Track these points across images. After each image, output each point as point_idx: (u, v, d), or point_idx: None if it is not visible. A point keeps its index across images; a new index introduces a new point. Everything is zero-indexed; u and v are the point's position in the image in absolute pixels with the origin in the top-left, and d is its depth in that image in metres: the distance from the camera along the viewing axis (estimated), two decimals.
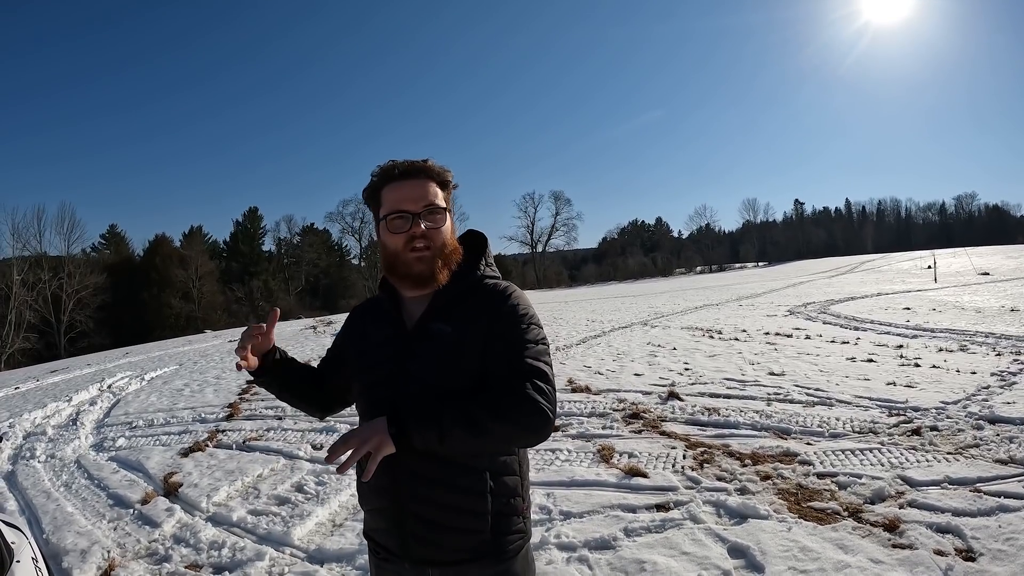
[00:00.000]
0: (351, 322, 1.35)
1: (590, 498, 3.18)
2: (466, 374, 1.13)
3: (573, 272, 64.56)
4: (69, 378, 10.88)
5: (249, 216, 47.62)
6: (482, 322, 1.14)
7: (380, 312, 1.26)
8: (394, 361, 1.17)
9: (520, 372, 1.08)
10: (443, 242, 1.16)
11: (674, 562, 2.47)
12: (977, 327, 8.50)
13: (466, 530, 1.12)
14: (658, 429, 4.39)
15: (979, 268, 23.50)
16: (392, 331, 1.21)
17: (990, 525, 2.60)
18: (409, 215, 1.14)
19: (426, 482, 1.11)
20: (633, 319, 12.71)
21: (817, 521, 2.77)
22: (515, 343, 1.12)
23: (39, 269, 31.92)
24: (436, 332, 1.15)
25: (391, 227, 1.15)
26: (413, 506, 1.12)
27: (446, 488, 1.11)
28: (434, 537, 1.12)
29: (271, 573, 2.70)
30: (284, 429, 5.11)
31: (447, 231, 1.18)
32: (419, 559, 1.14)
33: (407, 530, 1.14)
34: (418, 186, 1.16)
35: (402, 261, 1.15)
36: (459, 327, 1.15)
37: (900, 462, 3.43)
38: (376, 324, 1.26)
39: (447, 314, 1.16)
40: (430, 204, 1.15)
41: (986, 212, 77.36)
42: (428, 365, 1.14)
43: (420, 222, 1.14)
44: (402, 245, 1.15)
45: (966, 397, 4.72)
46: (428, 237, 1.14)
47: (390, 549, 1.18)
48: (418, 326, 1.18)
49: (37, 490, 4.11)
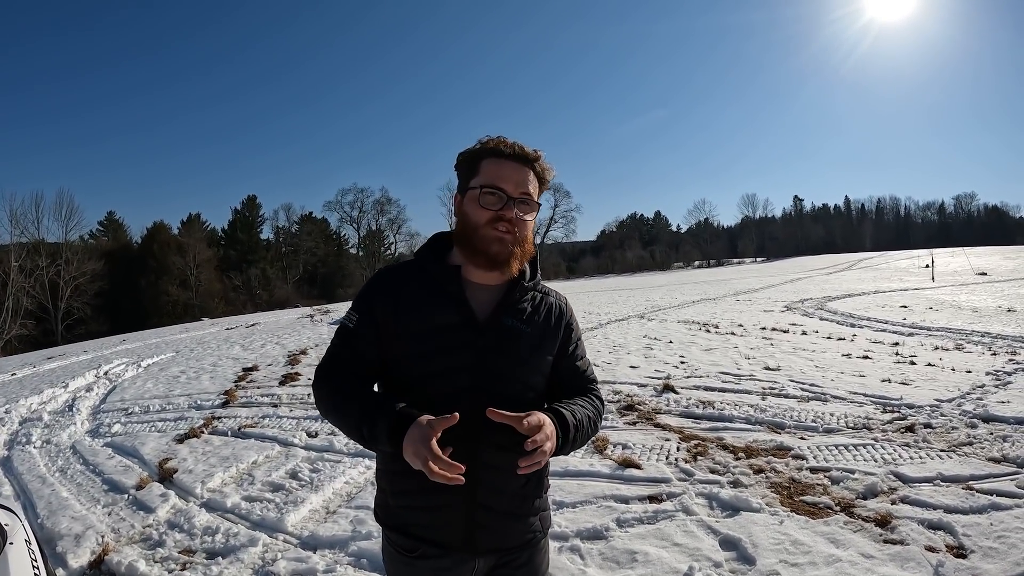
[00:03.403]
0: (388, 293, 1.17)
1: (583, 488, 3.19)
2: (542, 373, 1.21)
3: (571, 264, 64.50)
4: (66, 364, 10.87)
5: (248, 204, 47.45)
6: (559, 332, 1.22)
7: (437, 290, 1.15)
8: (471, 351, 1.13)
9: (591, 380, 1.28)
10: (525, 236, 1.15)
11: (665, 553, 2.48)
12: (973, 326, 8.52)
13: (528, 516, 1.20)
14: (653, 421, 4.40)
15: (977, 268, 23.52)
16: (461, 317, 1.14)
17: (982, 522, 2.61)
18: (505, 195, 1.12)
19: (502, 473, 1.11)
20: (630, 312, 12.72)
21: (809, 515, 2.78)
22: (583, 355, 1.29)
23: (37, 255, 31.79)
24: (518, 330, 1.17)
25: (482, 200, 1.12)
26: (487, 497, 1.14)
27: (520, 478, 1.13)
28: (504, 526, 1.17)
29: (264, 559, 2.71)
30: (280, 416, 5.11)
31: (531, 227, 1.18)
32: (486, 549, 1.17)
33: (477, 522, 1.14)
34: (522, 172, 1.14)
35: (481, 236, 1.12)
36: (537, 329, 1.19)
37: (893, 458, 3.44)
38: (436, 303, 1.15)
39: (520, 312, 1.18)
40: (527, 193, 1.14)
41: (985, 212, 77.32)
42: (512, 362, 1.15)
43: (513, 207, 1.12)
44: (486, 221, 1.12)
45: (961, 395, 4.74)
46: (515, 224, 1.12)
47: (449, 544, 1.15)
48: (491, 318, 1.16)
49: (33, 475, 4.11)
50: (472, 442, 1.09)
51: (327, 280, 46.29)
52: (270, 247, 48.08)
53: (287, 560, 2.65)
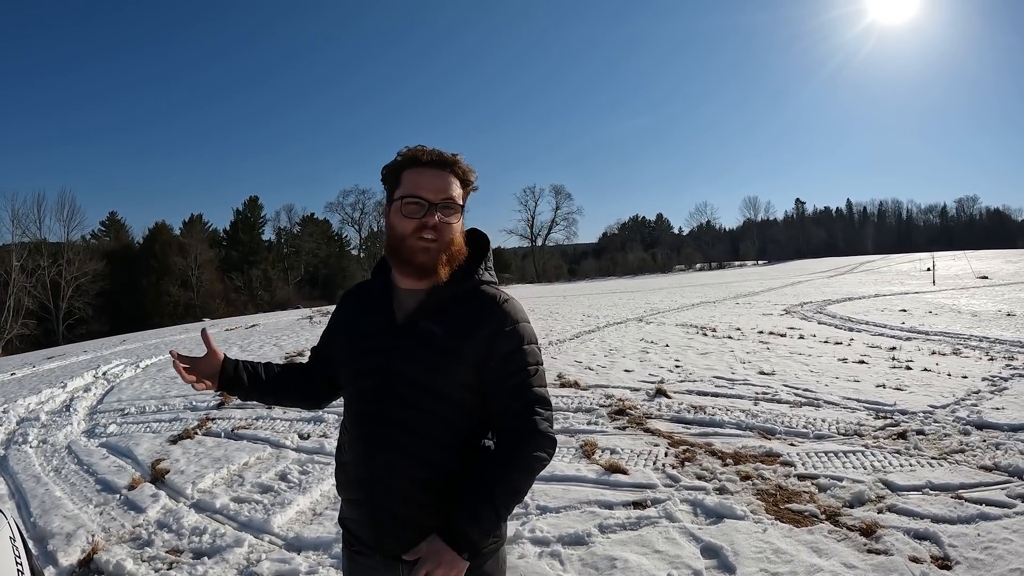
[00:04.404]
0: (342, 306, 1.34)
1: (568, 493, 3.19)
2: (457, 382, 1.13)
3: (572, 266, 64.47)
4: (65, 364, 10.91)
5: (249, 205, 47.54)
6: (482, 335, 1.13)
7: (372, 299, 1.24)
8: (382, 354, 1.16)
9: (528, 403, 1.13)
10: (451, 239, 1.16)
11: (646, 560, 2.48)
12: (972, 331, 8.48)
13: (433, 528, 1.10)
14: (643, 426, 4.40)
15: (978, 272, 23.42)
16: (382, 322, 1.19)
17: (969, 533, 2.58)
18: (426, 203, 1.13)
19: (404, 479, 1.12)
20: (629, 315, 12.71)
21: (794, 523, 2.78)
22: (519, 369, 1.14)
23: (38, 255, 31.89)
24: (426, 331, 1.14)
25: (405, 210, 1.14)
26: (388, 501, 1.13)
27: (422, 487, 1.12)
28: (406, 534, 1.10)
29: (249, 559, 2.72)
30: (273, 418, 5.13)
31: (457, 229, 1.17)
32: (391, 554, 1.14)
33: (381, 524, 1.14)
34: (441, 177, 1.15)
35: (407, 247, 1.14)
36: (453, 332, 1.14)
37: (883, 466, 3.43)
38: (367, 312, 1.24)
39: (440, 314, 1.15)
40: (449, 198, 1.15)
41: (987, 216, 77.00)
42: (418, 365, 1.14)
43: (435, 213, 1.14)
44: (411, 231, 1.14)
45: (955, 401, 4.71)
46: (438, 230, 1.14)
47: (363, 541, 1.19)
48: (408, 321, 1.17)
49: (27, 474, 4.14)
50: (373, 443, 1.15)
51: (328, 281, 46.37)
52: (271, 248, 48.16)
53: (271, 561, 2.67)
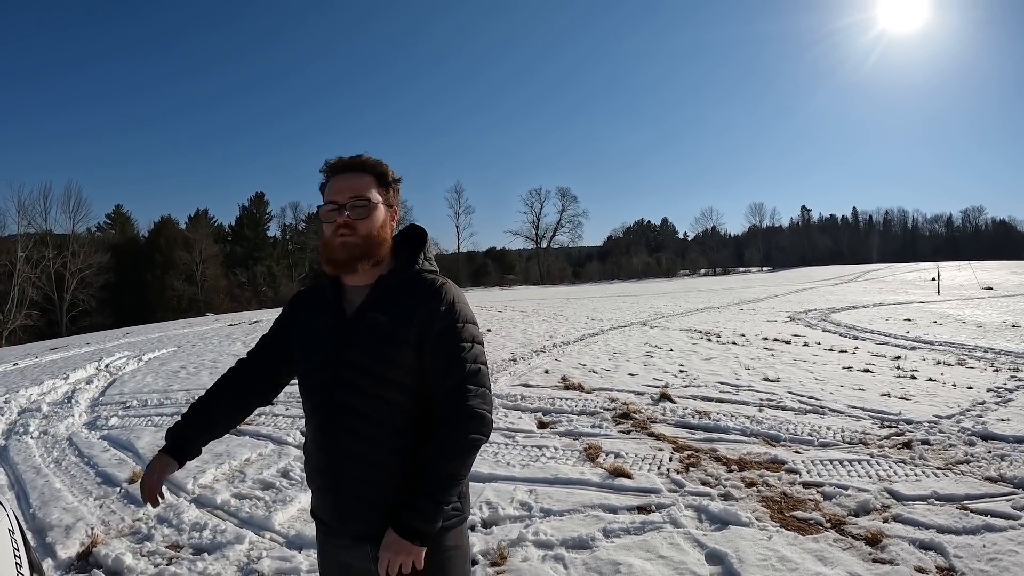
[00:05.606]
0: (293, 306, 1.41)
1: (572, 496, 3.17)
2: (401, 364, 1.22)
3: (577, 269, 64.46)
4: (68, 356, 10.95)
5: (255, 201, 47.75)
6: (419, 317, 1.22)
7: (324, 299, 1.33)
8: (334, 348, 1.24)
9: (459, 380, 1.20)
10: (368, 232, 1.24)
11: (650, 565, 2.46)
12: (977, 341, 8.43)
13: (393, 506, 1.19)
14: (647, 430, 4.37)
15: (983, 282, 23.29)
16: (333, 318, 1.28)
17: (974, 544, 2.56)
18: (337, 205, 1.24)
19: (362, 463, 1.21)
20: (633, 319, 12.68)
21: (799, 531, 2.75)
22: (452, 345, 1.21)
23: (43, 247, 32.08)
24: (372, 321, 1.23)
25: (324, 216, 1.27)
26: (350, 486, 1.22)
27: (381, 470, 1.21)
28: (371, 516, 1.20)
29: (249, 556, 2.71)
30: (275, 415, 5.12)
31: (374, 222, 1.25)
32: (357, 535, 1.23)
33: (346, 508, 1.23)
34: (350, 179, 1.26)
35: (329, 247, 1.25)
36: (395, 317, 1.22)
37: (888, 475, 3.40)
38: (318, 310, 1.33)
39: (385, 304, 1.24)
40: (356, 196, 1.24)
41: (993, 226, 76.74)
42: (366, 353, 1.22)
43: (345, 211, 1.23)
44: (331, 233, 1.25)
45: (960, 412, 4.68)
46: (351, 227, 1.23)
47: (331, 525, 1.28)
48: (356, 314, 1.26)
49: (27, 465, 4.14)
50: (330, 432, 1.23)
51: None
52: (276, 244, 48.35)
53: (271, 559, 2.65)
